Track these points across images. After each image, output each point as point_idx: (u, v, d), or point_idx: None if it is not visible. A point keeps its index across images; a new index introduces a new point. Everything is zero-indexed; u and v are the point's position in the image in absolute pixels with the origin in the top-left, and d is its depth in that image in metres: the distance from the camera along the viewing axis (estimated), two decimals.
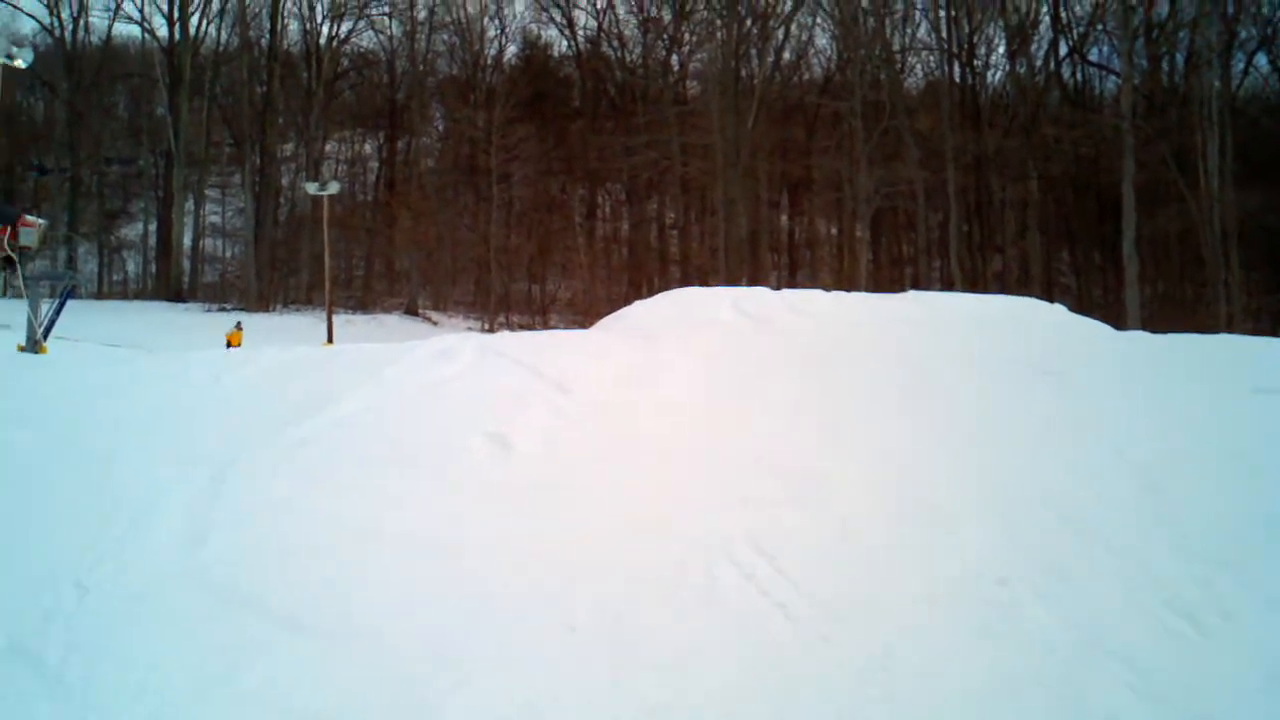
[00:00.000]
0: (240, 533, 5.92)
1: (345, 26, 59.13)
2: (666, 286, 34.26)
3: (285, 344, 14.25)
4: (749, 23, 52.99)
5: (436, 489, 6.46)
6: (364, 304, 52.53)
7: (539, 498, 6.40)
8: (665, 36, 59.27)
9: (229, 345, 27.76)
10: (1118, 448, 7.15)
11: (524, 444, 7.11)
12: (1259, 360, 10.00)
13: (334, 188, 41.15)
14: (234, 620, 5.07)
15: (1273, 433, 7.52)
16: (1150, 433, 7.47)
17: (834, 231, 57.38)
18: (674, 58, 60.19)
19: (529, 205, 56.57)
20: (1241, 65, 48.10)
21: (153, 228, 59.05)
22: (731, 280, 41.41)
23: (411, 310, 51.58)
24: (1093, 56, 52.25)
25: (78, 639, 4.93)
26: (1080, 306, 36.47)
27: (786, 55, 57.31)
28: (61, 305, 23.14)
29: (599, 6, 61.94)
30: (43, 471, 6.83)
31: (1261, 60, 49.45)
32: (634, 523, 6.07)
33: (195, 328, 41.55)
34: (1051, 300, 19.59)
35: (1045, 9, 50.73)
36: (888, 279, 48.89)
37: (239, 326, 34.37)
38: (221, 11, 57.51)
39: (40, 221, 23.42)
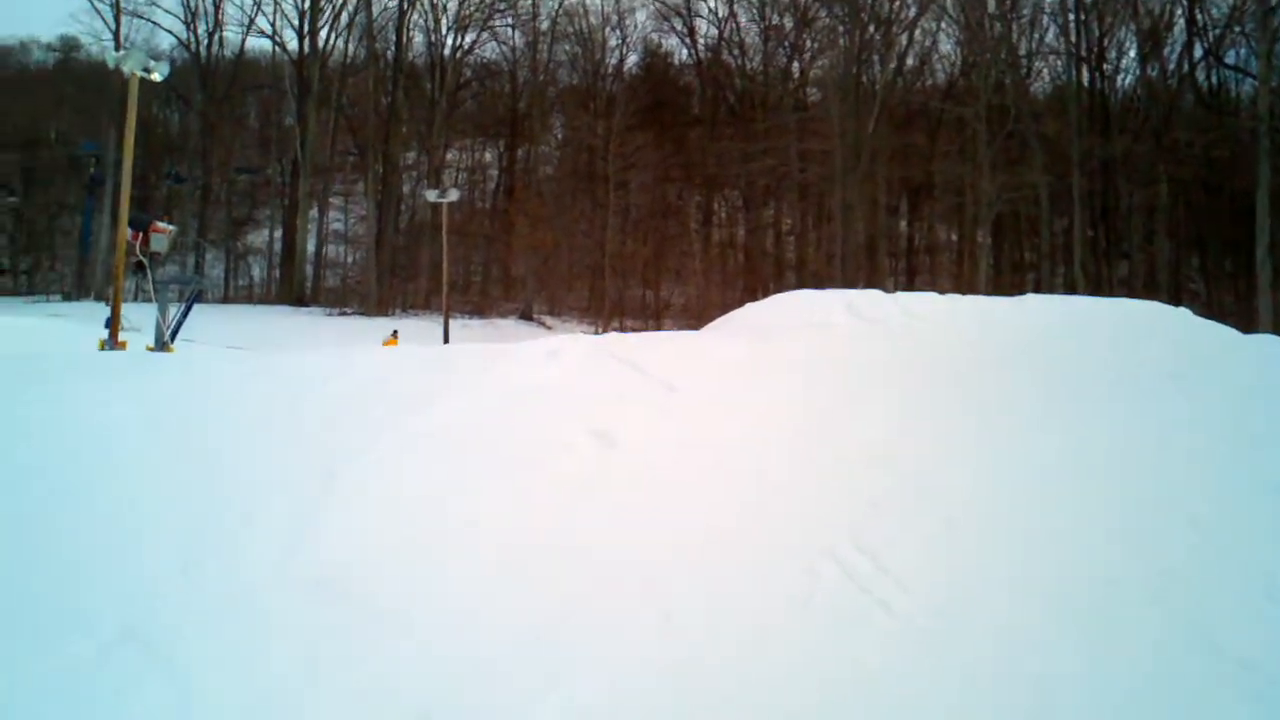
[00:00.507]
0: (348, 529, 5.94)
1: (469, 38, 60.16)
2: (782, 291, 34.00)
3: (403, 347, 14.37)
4: (872, 29, 52.45)
5: (541, 486, 6.43)
6: (480, 309, 53.11)
7: (642, 494, 6.34)
8: (786, 44, 59.08)
9: None
10: (1245, 454, 6.82)
11: (628, 441, 7.03)
12: None
13: (453, 195, 41.61)
14: (342, 615, 5.07)
15: None
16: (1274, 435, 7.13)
17: (954, 237, 56.48)
18: (795, 64, 59.98)
19: (645, 212, 56.74)
20: None
21: (278, 234, 60.55)
22: (849, 285, 40.91)
23: (526, 315, 52.01)
24: (1229, 59, 50.71)
25: (188, 625, 4.97)
26: (1210, 313, 35.29)
27: (909, 60, 56.67)
28: (189, 308, 23.71)
29: (720, 15, 62.10)
30: (159, 466, 6.93)
31: None
32: (736, 519, 5.98)
33: (316, 330, 42.45)
34: (1180, 306, 18.94)
35: (1180, 11, 49.44)
36: (1009, 285, 47.86)
37: (395, 335, 34.79)
38: (350, 25, 58.91)
39: (170, 228, 24.03)
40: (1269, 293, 37.37)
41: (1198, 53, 50.40)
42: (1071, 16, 50.46)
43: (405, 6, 57.66)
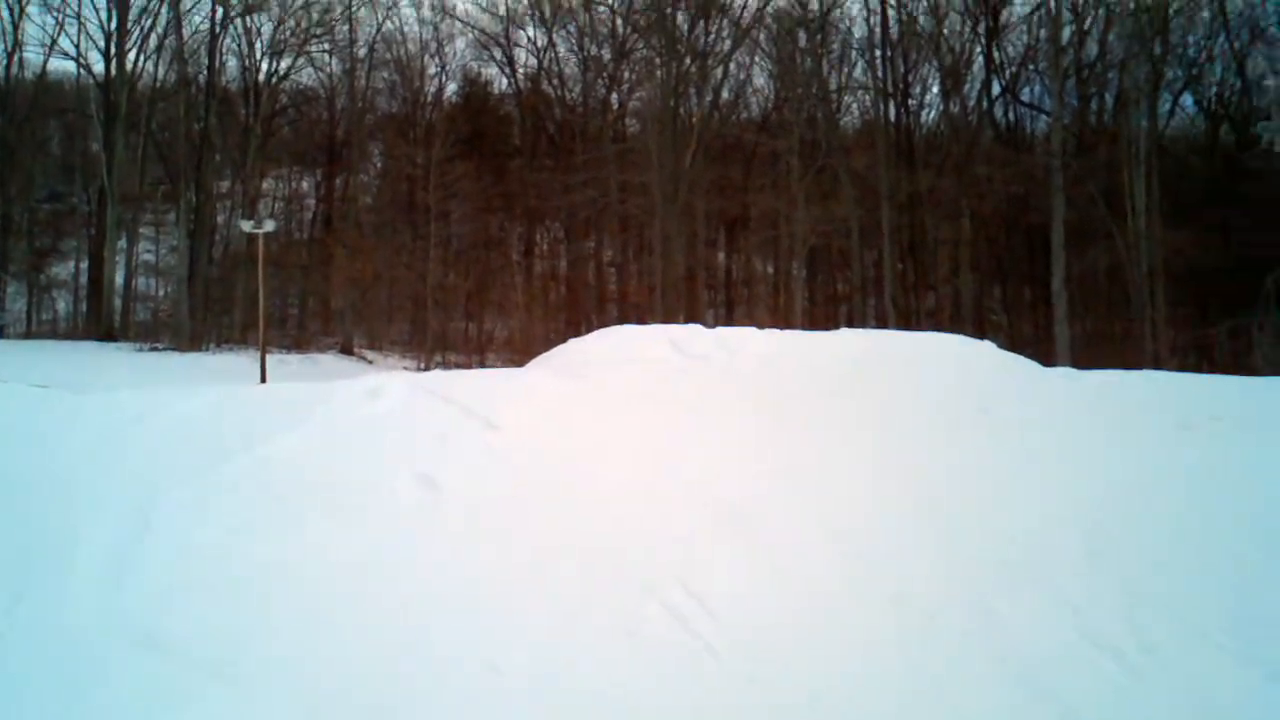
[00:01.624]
0: (162, 575, 5.82)
1: (285, 63, 58.91)
2: (604, 324, 34.35)
3: (218, 385, 14.08)
4: (688, 61, 53.37)
5: (363, 530, 6.40)
6: (299, 344, 52.01)
7: (466, 537, 6.38)
8: (605, 75, 59.59)
9: None
10: (1047, 485, 7.26)
11: (452, 483, 7.07)
12: (1181, 396, 10.19)
13: (270, 226, 40.73)
14: (153, 667, 5.00)
15: (1195, 466, 7.68)
16: (1076, 467, 7.60)
17: (770, 270, 57.78)
18: (614, 96, 60.57)
19: (466, 243, 56.51)
20: (1168, 106, 49.26)
21: (84, 266, 58.28)
22: (669, 317, 41.52)
23: (347, 349, 51.17)
24: (1024, 96, 53.22)
25: None
26: (1012, 343, 36.99)
27: (725, 94, 57.82)
28: None
29: (539, 45, 62.25)
30: None
31: (1188, 100, 50.66)
32: (562, 560, 6.07)
33: (126, 367, 40.98)
34: (983, 337, 19.83)
35: (979, 49, 51.64)
36: (823, 316, 49.32)
37: None
38: (159, 48, 57.03)
39: None
40: (1065, 323, 39.27)
41: (995, 89, 52.79)
42: (878, 52, 52.26)
43: (217, 30, 56.17)
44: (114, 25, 55.07)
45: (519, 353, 42.34)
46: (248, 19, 57.05)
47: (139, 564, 5.92)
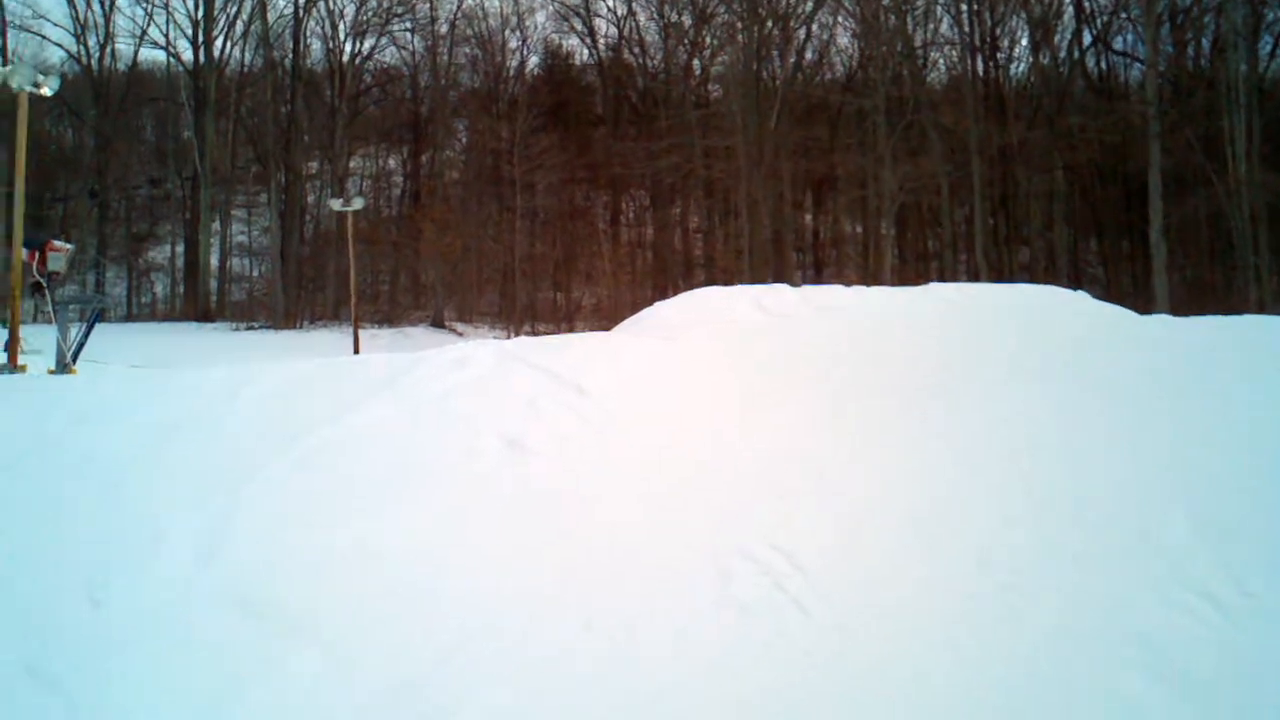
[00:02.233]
0: (256, 546, 5.90)
1: (368, 43, 59.72)
2: (692, 289, 34.18)
3: (313, 359, 14.24)
4: (770, 24, 52.91)
5: (450, 496, 6.44)
6: (390, 318, 52.67)
7: (554, 502, 6.38)
8: (686, 41, 59.33)
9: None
10: (1144, 435, 7.05)
11: (539, 448, 7.07)
12: None
13: (358, 203, 41.20)
14: (249, 633, 5.06)
15: None
16: (1175, 418, 7.35)
17: (859, 229, 57.20)
18: (695, 62, 60.30)
19: (553, 214, 56.76)
20: (1269, 48, 47.69)
21: (180, 249, 59.57)
22: (756, 280, 41.20)
23: (438, 322, 51.69)
24: (1117, 45, 51.99)
25: (91, 657, 4.92)
26: (1109, 295, 36.16)
27: (808, 55, 57.29)
28: (90, 328, 23.27)
29: (619, 14, 62.23)
30: (59, 490, 6.83)
31: None
32: (650, 522, 6.06)
33: (222, 346, 41.86)
34: (1079, 289, 19.35)
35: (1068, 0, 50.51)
36: (913, 274, 48.62)
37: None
38: (245, 34, 58.16)
39: (68, 246, 23.53)
40: (1164, 273, 38.37)
41: (1086, 39, 51.60)
42: (964, 7, 51.34)
43: (301, 13, 57.01)
44: (201, 14, 56.15)
45: (607, 320, 42.35)
46: (331, 1, 57.65)
47: (231, 538, 6.00)
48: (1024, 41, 53.04)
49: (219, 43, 57.24)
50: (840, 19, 56.37)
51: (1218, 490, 6.17)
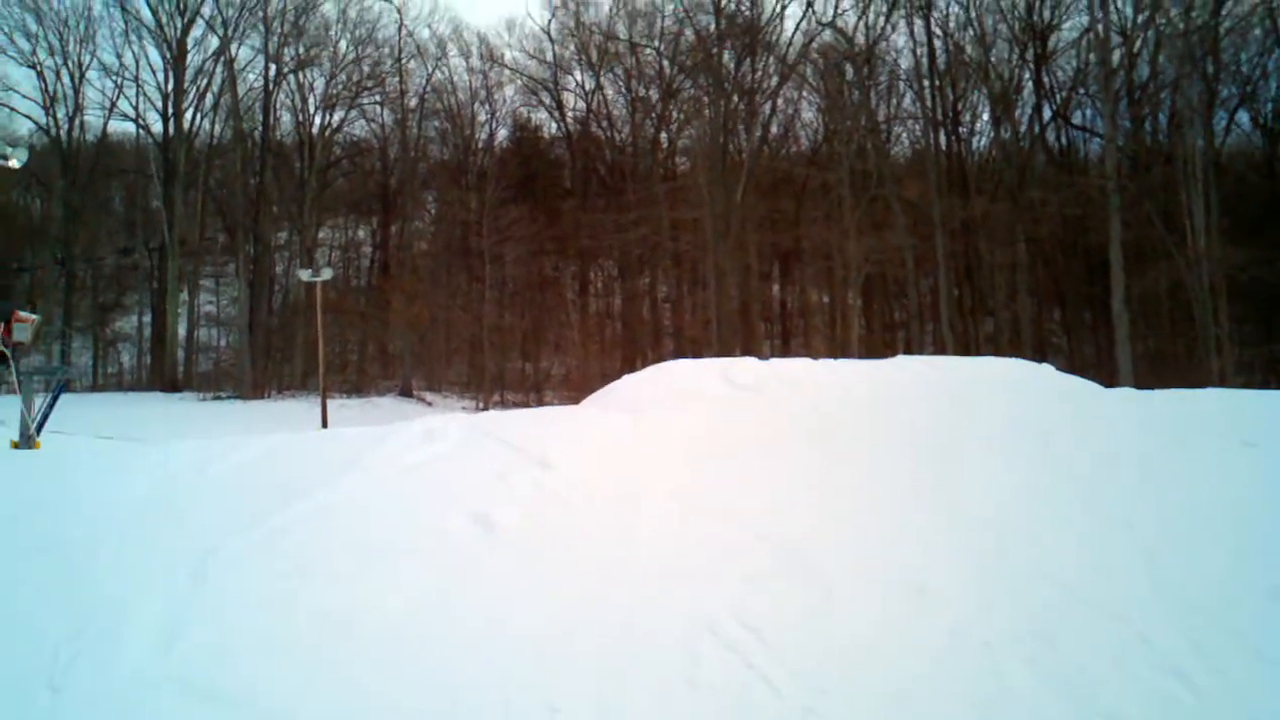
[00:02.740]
0: (221, 627, 5.83)
1: (337, 116, 59.98)
2: (660, 359, 34.34)
3: (279, 431, 14.24)
4: (736, 99, 53.58)
5: (420, 573, 6.40)
6: (359, 387, 52.54)
7: (522, 578, 6.35)
8: (653, 115, 59.95)
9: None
10: (1104, 506, 7.15)
11: (507, 523, 7.07)
12: (1245, 413, 10.01)
13: (327, 274, 41.27)
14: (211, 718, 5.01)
15: (1257, 484, 7.54)
16: (1136, 489, 7.48)
17: (825, 300, 57.60)
18: (663, 135, 60.91)
19: (522, 284, 56.93)
20: (1224, 123, 48.81)
21: (147, 319, 59.34)
22: (725, 350, 41.59)
23: (406, 392, 51.58)
24: (1076, 119, 52.90)
25: None
26: (1073, 366, 36.59)
27: (774, 129, 58.04)
28: (55, 399, 23.08)
29: (587, 89, 62.82)
30: (22, 569, 6.77)
31: (1244, 117, 50.18)
32: (617, 599, 6.02)
33: (189, 416, 41.58)
34: (1044, 360, 19.60)
35: (1028, 75, 51.44)
36: (880, 344, 49.01)
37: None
38: (215, 106, 58.38)
39: (34, 317, 23.39)
40: (1127, 344, 38.81)
41: (1047, 114, 52.50)
42: (926, 82, 52.25)
43: (271, 86, 57.37)
44: (171, 86, 56.43)
45: (576, 390, 42.45)
46: (300, 75, 58.13)
47: (196, 616, 5.94)
48: (985, 116, 54.03)
49: (189, 114, 57.52)
50: (805, 93, 57.28)
51: (1183, 564, 6.27)
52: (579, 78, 63.21)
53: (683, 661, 5.33)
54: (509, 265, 54.88)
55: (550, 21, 62.97)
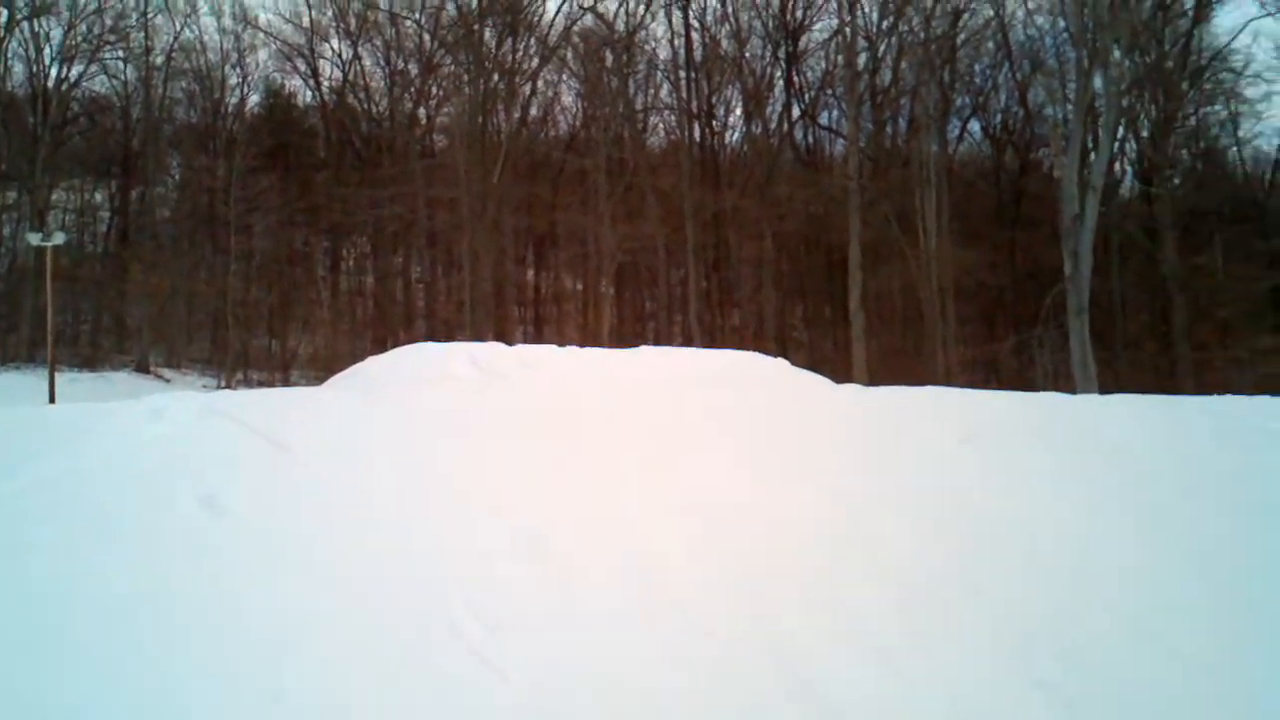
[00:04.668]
0: None
1: (76, 70, 56.73)
2: (413, 340, 34.06)
3: (1, 405, 13.51)
4: (496, 78, 53.38)
5: (141, 556, 6.19)
6: (91, 362, 49.95)
7: (250, 561, 6.20)
8: (412, 90, 59.14)
9: None
10: (833, 498, 7.54)
11: (238, 507, 6.90)
12: (961, 411, 10.67)
13: (59, 238, 39.10)
14: None
15: (972, 479, 8.10)
16: (861, 483, 7.92)
17: (579, 287, 58.16)
18: (421, 111, 60.15)
19: (269, 258, 55.26)
20: (957, 130, 51.76)
21: None
22: (478, 334, 41.48)
23: (143, 368, 49.38)
24: (823, 120, 54.98)
25: None
26: (812, 360, 38.14)
27: (533, 111, 58.09)
28: None
29: (345, 58, 61.32)
30: None
31: (975, 126, 53.32)
32: (350, 586, 5.98)
33: None
34: (785, 354, 20.40)
35: (780, 73, 53.12)
36: (631, 333, 49.82)
37: None
38: None
39: None
40: (862, 340, 40.62)
41: (795, 113, 54.36)
42: (683, 74, 53.30)
43: (2, 33, 53.87)
44: None
45: (324, 370, 41.53)
46: (36, 22, 54.72)
47: None
48: (738, 111, 55.51)
49: None
50: (565, 78, 57.56)
51: (902, 551, 6.70)
52: (336, 46, 61.72)
53: (420, 655, 5.34)
54: (257, 237, 53.28)
55: None
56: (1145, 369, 41.04)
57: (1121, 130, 42.39)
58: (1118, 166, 46.07)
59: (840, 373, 21.77)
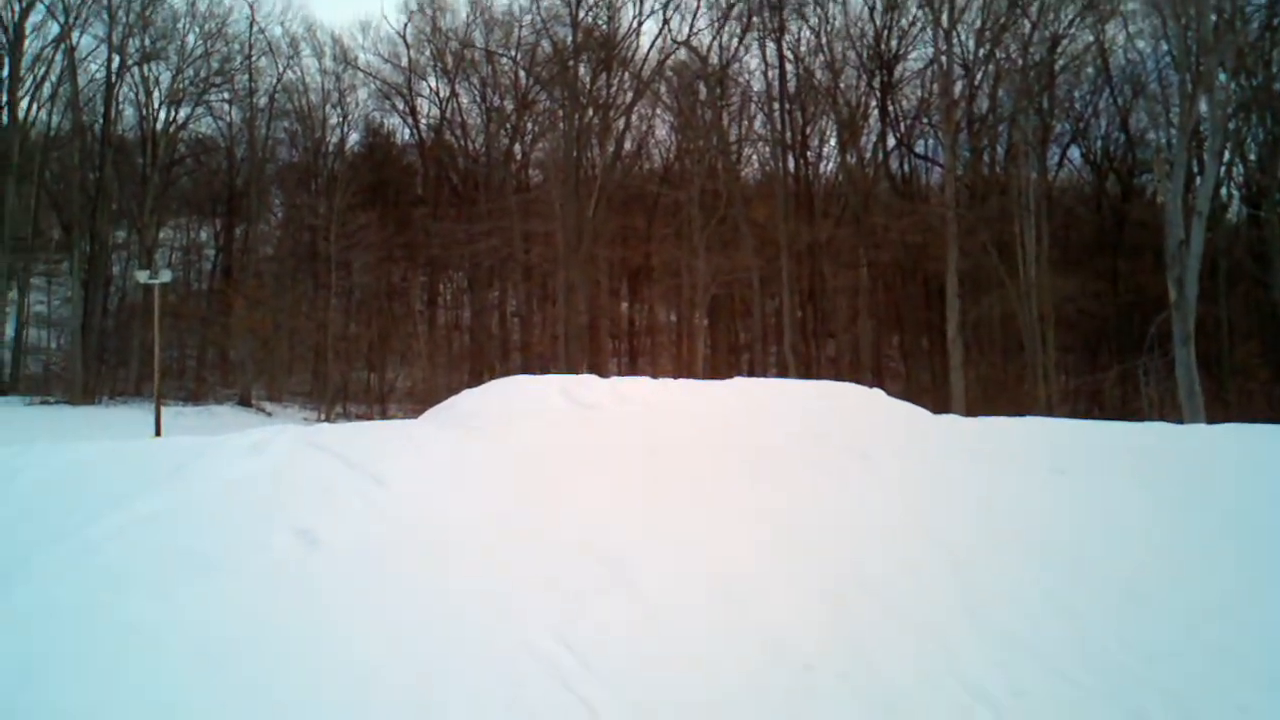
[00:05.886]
0: (27, 641, 5.62)
1: (183, 112, 58.33)
2: (508, 373, 34.27)
3: (108, 438, 13.84)
4: (590, 112, 53.81)
5: (237, 589, 6.28)
6: (196, 395, 51.07)
7: (345, 596, 6.27)
8: (508, 126, 59.80)
9: None
10: (924, 528, 7.42)
11: (334, 540, 6.99)
12: (1057, 442, 10.46)
13: (166, 276, 40.14)
14: None
15: (1062, 511, 7.91)
16: (952, 513, 7.78)
17: (673, 318, 58.17)
18: (517, 147, 60.79)
19: (369, 293, 56.08)
20: (1056, 157, 50.97)
21: None
22: (572, 367, 41.72)
23: (245, 401, 50.36)
24: (919, 149, 54.51)
25: None
26: (908, 391, 37.65)
27: (627, 145, 58.34)
28: None
29: (442, 96, 62.30)
30: None
31: (1074, 153, 52.46)
32: (441, 619, 6.01)
33: (15, 421, 39.96)
34: (881, 384, 20.18)
35: (874, 103, 52.77)
36: (725, 365, 49.70)
37: None
38: (54, 96, 56.16)
39: None
40: (960, 370, 40.03)
41: (891, 142, 53.95)
42: (777, 106, 53.21)
43: (114, 78, 55.51)
44: (6, 72, 54.07)
45: (422, 403, 41.97)
46: (145, 67, 56.35)
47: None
48: (833, 141, 55.20)
49: (24, 103, 55.28)
50: (659, 111, 57.75)
51: (988, 581, 6.55)
52: (433, 84, 62.74)
53: (507, 685, 5.34)
54: (356, 273, 54.10)
55: (406, 26, 62.14)
56: (1256, 398, 39.86)
57: (1228, 154, 41.43)
58: (1224, 191, 45.09)
59: (938, 404, 21.43)
